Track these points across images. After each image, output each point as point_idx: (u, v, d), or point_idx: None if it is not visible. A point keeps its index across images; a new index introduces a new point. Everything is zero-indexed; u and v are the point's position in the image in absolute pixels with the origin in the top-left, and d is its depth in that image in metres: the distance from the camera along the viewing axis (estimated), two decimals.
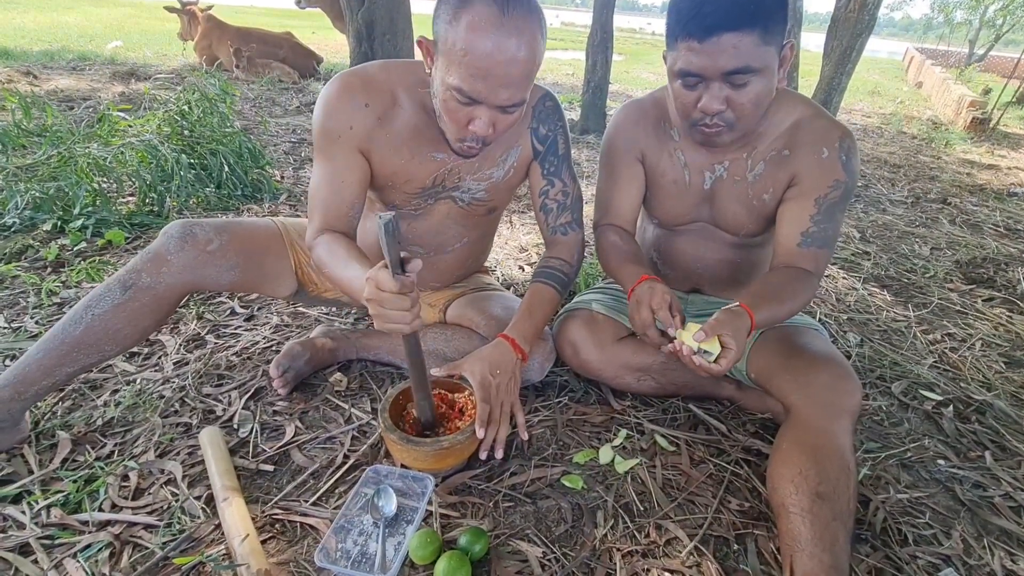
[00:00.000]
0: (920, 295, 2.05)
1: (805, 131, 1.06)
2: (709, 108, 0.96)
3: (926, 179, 3.87)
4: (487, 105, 0.91)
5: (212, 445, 1.06)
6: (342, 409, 1.24)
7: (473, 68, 0.86)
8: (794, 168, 1.07)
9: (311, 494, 1.02)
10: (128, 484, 1.01)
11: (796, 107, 1.08)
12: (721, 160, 1.13)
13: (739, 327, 0.92)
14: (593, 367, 1.27)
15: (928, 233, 2.74)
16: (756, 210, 1.13)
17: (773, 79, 0.96)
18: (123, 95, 4.10)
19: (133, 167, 2.15)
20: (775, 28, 0.90)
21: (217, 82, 2.69)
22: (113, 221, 1.99)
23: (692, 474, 1.12)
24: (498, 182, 1.17)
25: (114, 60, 5.66)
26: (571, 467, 1.12)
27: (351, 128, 1.03)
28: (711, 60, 0.91)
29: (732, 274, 1.28)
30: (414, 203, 1.16)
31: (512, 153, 1.15)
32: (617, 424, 1.25)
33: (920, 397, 1.43)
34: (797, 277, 1.05)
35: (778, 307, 1.00)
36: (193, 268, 1.07)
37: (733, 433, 1.24)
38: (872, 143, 5.06)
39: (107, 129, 2.40)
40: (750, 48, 0.89)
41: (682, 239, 1.27)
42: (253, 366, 1.36)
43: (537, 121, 1.15)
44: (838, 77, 3.69)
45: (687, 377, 1.29)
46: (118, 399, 1.21)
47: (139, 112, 2.81)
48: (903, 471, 1.18)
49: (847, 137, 1.05)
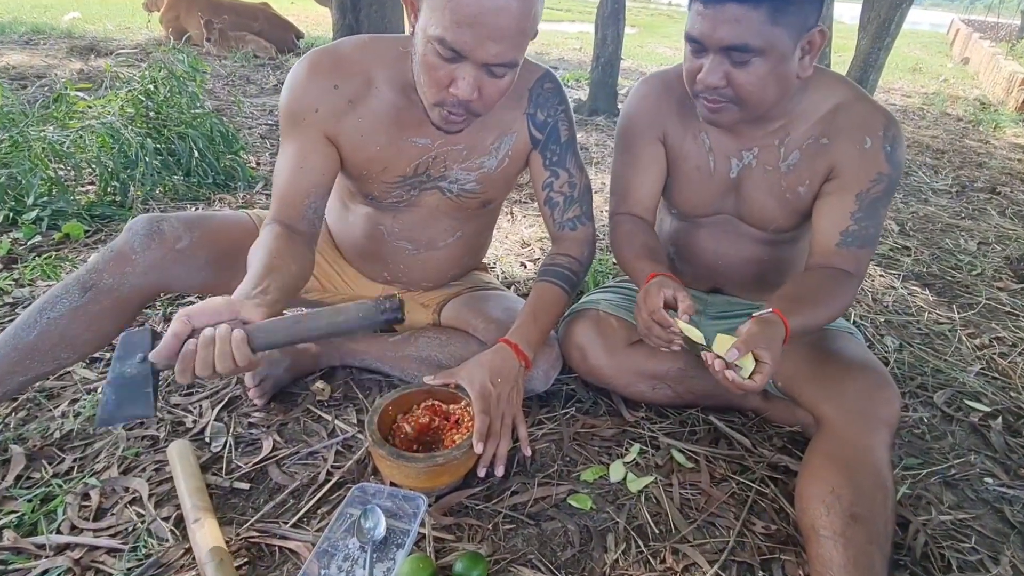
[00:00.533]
0: (966, 295, 2.05)
1: (845, 117, 1.06)
2: (706, 80, 0.98)
3: (973, 166, 3.86)
4: (472, 62, 0.89)
5: (181, 460, 1.06)
6: (325, 421, 1.24)
7: (458, 15, 0.85)
8: (833, 158, 1.07)
9: (291, 515, 1.02)
10: (89, 503, 1.01)
11: (835, 89, 1.08)
12: (750, 146, 1.12)
13: (773, 338, 0.91)
14: (603, 374, 1.27)
15: (975, 226, 2.74)
16: (789, 204, 1.13)
17: (786, 64, 0.96)
18: (82, 72, 4.10)
19: (93, 152, 2.15)
20: (791, 10, 0.91)
21: (186, 58, 2.69)
22: (71, 212, 1.99)
23: (713, 493, 1.12)
24: (491, 172, 1.16)
25: (71, 33, 5.66)
26: (579, 485, 1.12)
27: (316, 111, 1.04)
28: (711, 28, 0.93)
29: (758, 273, 1.28)
30: (395, 194, 1.16)
31: (506, 140, 1.14)
32: (629, 438, 1.25)
33: (965, 408, 1.43)
34: (835, 279, 1.05)
35: (815, 312, 1.00)
36: (160, 268, 1.07)
37: (758, 448, 1.25)
38: (913, 126, 5.05)
39: (64, 110, 2.40)
40: (755, 25, 0.90)
41: (703, 233, 1.27)
42: None
43: (534, 106, 1.14)
44: (875, 52, 3.68)
45: (707, 386, 1.30)
46: (77, 409, 1.21)
47: (100, 91, 2.80)
48: (946, 490, 1.18)
49: (892, 124, 1.04)
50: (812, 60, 0.98)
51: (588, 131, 3.99)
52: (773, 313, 0.94)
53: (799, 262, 1.31)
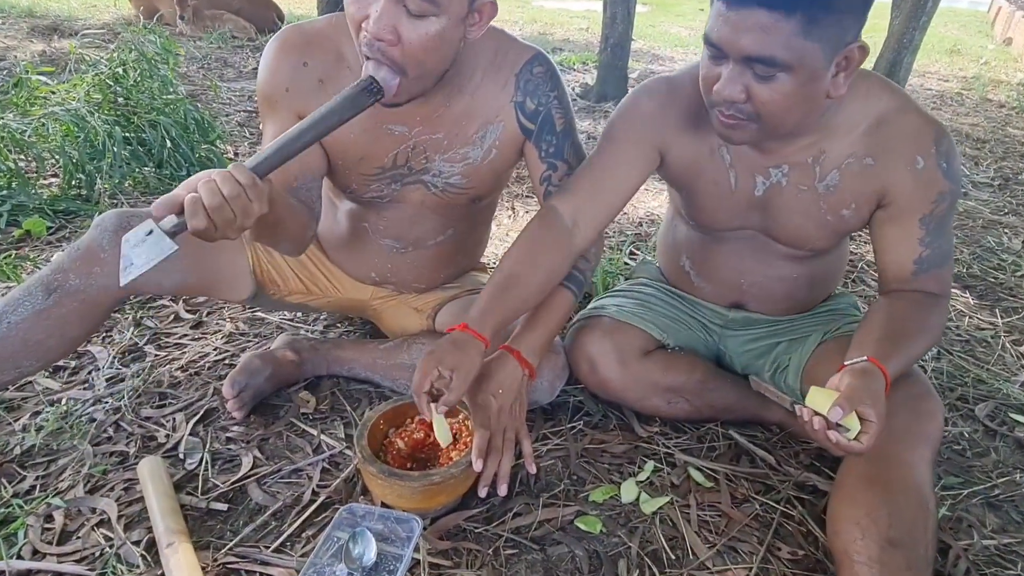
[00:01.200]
0: (1010, 298, 2.05)
1: (891, 132, 1.02)
2: (723, 93, 0.92)
3: (1017, 157, 3.86)
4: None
5: (153, 479, 1.06)
6: (310, 436, 1.24)
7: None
8: (883, 182, 1.03)
9: (273, 538, 1.02)
10: (52, 526, 1.01)
11: (876, 97, 1.03)
12: (778, 163, 1.08)
13: (876, 392, 0.88)
14: (615, 387, 1.27)
15: (1020, 223, 2.74)
16: (830, 225, 1.11)
17: (816, 83, 0.90)
18: (44, 55, 4.11)
19: (56, 142, 2.16)
20: (828, 21, 0.85)
21: (157, 39, 2.70)
22: (32, 207, 2.00)
23: (734, 515, 1.12)
24: (477, 164, 1.16)
25: (32, 12, 5.67)
26: (587, 506, 1.12)
27: (287, 91, 1.06)
28: (733, 34, 0.87)
29: (788, 292, 1.26)
30: (374, 187, 1.17)
31: (491, 130, 1.14)
32: (643, 454, 1.25)
33: (1010, 422, 1.44)
34: (924, 305, 1.03)
35: (910, 350, 0.98)
36: None
37: (783, 466, 1.25)
38: (951, 113, 5.06)
39: (25, 96, 2.40)
40: (783, 36, 0.84)
41: (725, 247, 1.25)
42: (202, 383, 1.36)
43: (523, 93, 1.13)
44: (909, 33, 3.69)
45: (729, 399, 1.30)
46: (40, 423, 1.22)
47: (63, 75, 2.82)
48: (989, 512, 1.19)
49: (943, 137, 1.01)
50: (848, 79, 0.93)
51: (596, 118, 3.99)
52: (869, 362, 0.92)
53: (832, 275, 1.31)
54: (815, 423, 0.86)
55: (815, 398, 0.89)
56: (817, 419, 0.86)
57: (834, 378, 0.92)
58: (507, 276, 1.10)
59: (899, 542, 0.89)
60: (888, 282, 1.09)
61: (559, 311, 1.18)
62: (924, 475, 0.96)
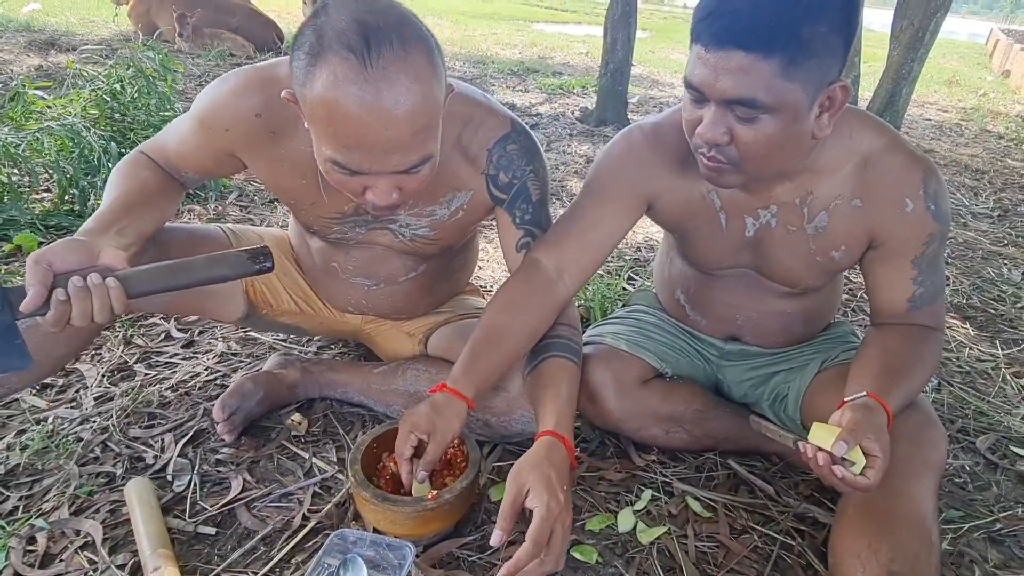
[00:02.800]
0: (1010, 329, 2.07)
1: (877, 173, 1.02)
2: (704, 135, 0.91)
3: (1016, 188, 3.93)
4: (378, 174, 0.88)
5: (140, 501, 1.06)
6: (301, 459, 1.24)
7: (344, 139, 0.83)
8: (871, 224, 1.04)
9: (261, 564, 1.02)
10: (35, 548, 1.01)
11: (862, 136, 1.03)
12: (766, 204, 1.09)
13: (879, 426, 0.88)
14: (613, 417, 1.27)
15: (1019, 254, 2.78)
16: (820, 266, 1.12)
17: (799, 123, 0.89)
18: (41, 69, 4.16)
19: (51, 156, 2.18)
20: (808, 63, 0.84)
21: (156, 55, 2.74)
22: (24, 222, 2.01)
23: (732, 546, 1.12)
24: (443, 220, 1.16)
25: (30, 26, 5.75)
26: (583, 535, 1.12)
27: (226, 130, 1.04)
28: (713, 77, 0.86)
29: (784, 327, 1.28)
30: (336, 230, 1.17)
31: (459, 196, 1.13)
32: (640, 483, 1.25)
33: (1011, 455, 1.44)
34: (919, 338, 1.05)
35: (910, 384, 0.99)
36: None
37: (783, 496, 1.25)
38: (950, 143, 5.15)
39: (20, 110, 2.43)
40: (764, 78, 0.83)
41: (719, 284, 1.26)
42: (192, 403, 1.37)
43: (496, 168, 1.11)
44: (908, 64, 3.78)
45: (727, 428, 1.30)
46: (25, 442, 1.21)
47: (60, 90, 2.85)
48: (991, 547, 1.19)
49: (931, 176, 1.01)
50: (832, 119, 0.92)
51: (595, 142, 4.05)
52: (869, 397, 0.92)
53: (826, 310, 1.32)
54: (819, 459, 0.86)
55: (818, 434, 0.89)
56: (822, 455, 0.86)
57: (835, 414, 0.92)
58: (488, 332, 1.08)
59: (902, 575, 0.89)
60: (881, 316, 1.10)
61: (575, 384, 1.12)
62: (927, 506, 0.96)
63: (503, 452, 1.31)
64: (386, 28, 0.80)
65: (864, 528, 0.95)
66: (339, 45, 0.79)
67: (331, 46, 0.79)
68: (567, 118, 4.62)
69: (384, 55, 0.79)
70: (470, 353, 1.05)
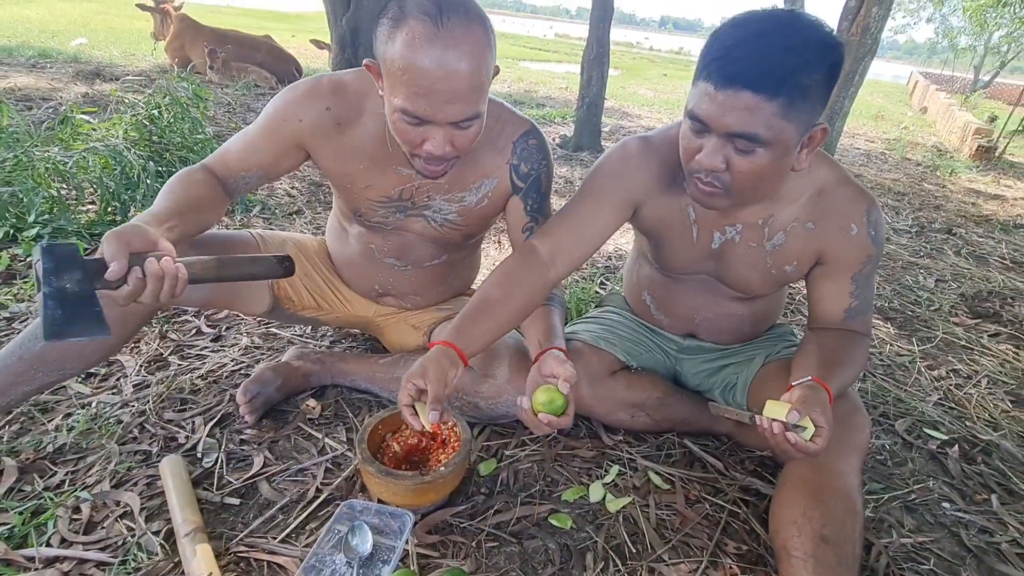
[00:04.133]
0: (925, 329, 2.11)
1: (830, 202, 1.04)
2: (704, 163, 0.91)
3: (931, 208, 4.00)
4: (437, 123, 0.92)
5: (173, 476, 1.05)
6: (315, 439, 1.24)
7: (414, 86, 0.88)
8: (821, 244, 1.06)
9: (280, 530, 1.02)
10: (80, 517, 1.00)
11: (819, 171, 1.05)
12: (733, 222, 1.11)
13: (824, 402, 0.91)
14: (585, 403, 1.28)
15: (933, 264, 2.83)
16: (773, 277, 1.14)
17: (787, 158, 0.91)
18: (87, 96, 4.10)
19: (95, 173, 2.15)
20: (803, 106, 0.85)
21: (189, 86, 2.72)
22: (71, 230, 1.99)
23: (687, 514, 1.14)
24: (471, 207, 1.19)
25: (77, 59, 5.68)
26: (559, 505, 1.13)
27: (300, 121, 1.09)
28: (720, 113, 0.86)
29: (734, 327, 1.30)
30: (380, 213, 1.19)
31: (487, 183, 1.17)
32: (609, 460, 1.27)
33: (924, 436, 1.47)
34: (853, 340, 1.07)
35: (844, 374, 1.00)
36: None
37: (730, 471, 1.26)
38: (876, 169, 5.23)
39: (69, 132, 2.40)
40: (766, 116, 0.84)
41: (682, 288, 1.28)
42: (220, 390, 1.36)
43: (518, 158, 1.16)
44: (840, 100, 3.83)
45: (684, 413, 1.32)
46: (71, 424, 1.20)
47: (104, 115, 2.81)
48: (907, 514, 1.21)
49: (873, 208, 1.04)
50: (810, 155, 0.94)
51: (573, 165, 4.07)
52: (814, 381, 0.94)
53: (770, 314, 1.34)
54: (775, 428, 0.88)
55: (772, 408, 0.91)
56: (777, 424, 0.88)
57: (786, 395, 0.94)
58: (483, 301, 1.06)
59: (830, 539, 0.90)
60: (820, 323, 1.12)
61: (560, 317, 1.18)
62: (853, 480, 0.98)
63: (491, 432, 1.31)
64: (456, 3, 0.88)
65: (800, 499, 0.96)
66: (418, 11, 0.86)
67: (411, 11, 0.86)
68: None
69: (452, 20, 0.86)
70: (464, 317, 1.04)
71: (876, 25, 3.71)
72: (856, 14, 3.72)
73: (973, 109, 10.06)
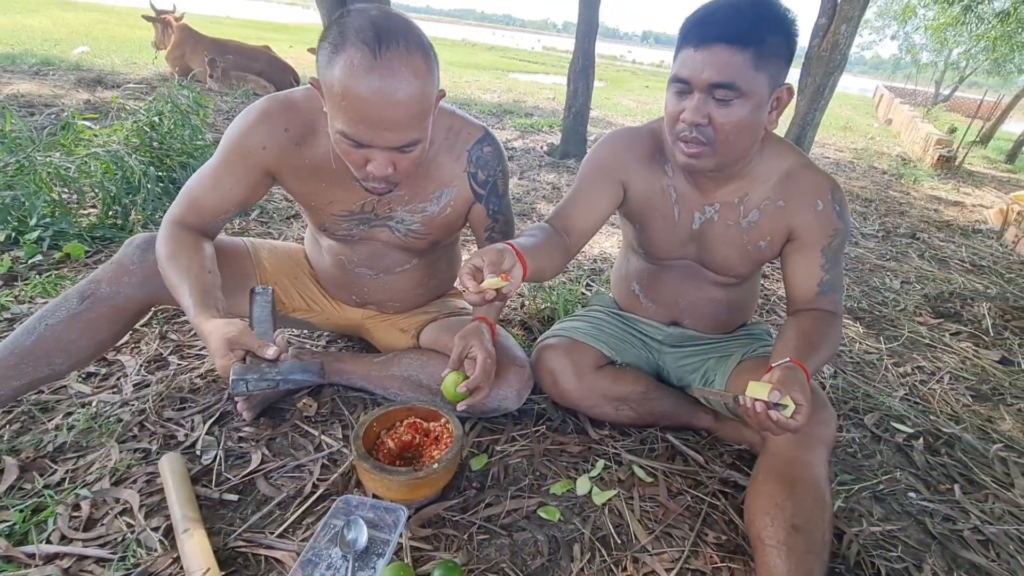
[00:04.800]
0: (891, 328, 2.13)
1: (797, 182, 1.09)
2: (689, 118, 0.97)
3: (896, 214, 4.05)
4: (378, 148, 0.91)
5: (173, 473, 1.03)
6: (311, 436, 1.22)
7: (353, 113, 0.86)
8: (791, 221, 1.10)
9: (277, 525, 1.00)
10: (79, 514, 0.98)
11: (785, 156, 1.11)
12: (712, 201, 1.14)
13: (802, 383, 0.91)
14: (572, 397, 1.28)
15: (898, 267, 2.87)
16: (749, 255, 1.16)
17: (760, 112, 0.97)
18: (88, 103, 4.03)
19: (97, 178, 2.11)
20: (771, 57, 0.93)
21: (190, 93, 2.68)
22: (72, 233, 1.95)
23: (670, 506, 1.14)
24: (434, 217, 1.18)
25: (80, 66, 5.57)
26: (548, 498, 1.12)
27: (264, 148, 1.05)
28: (700, 68, 0.93)
29: (715, 311, 1.31)
30: (344, 227, 1.18)
31: (447, 192, 1.16)
32: (595, 454, 1.26)
33: (892, 429, 1.49)
34: (827, 321, 1.08)
35: (818, 354, 1.02)
36: (156, 279, 1.07)
37: (710, 464, 1.27)
38: (845, 177, 5.29)
39: (71, 137, 2.36)
40: (741, 66, 0.92)
41: (667, 274, 1.29)
42: (219, 389, 1.33)
43: (475, 166, 1.16)
44: (812, 112, 3.87)
45: (666, 407, 1.32)
46: (71, 422, 1.17)
47: (106, 121, 2.77)
48: (876, 504, 1.22)
49: (837, 189, 1.09)
50: (778, 115, 1.01)
51: (560, 172, 4.07)
52: (792, 362, 0.95)
53: (748, 300, 1.35)
54: (758, 407, 0.88)
55: (753, 389, 0.90)
56: (759, 404, 0.88)
57: (766, 375, 0.94)
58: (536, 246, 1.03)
59: (801, 528, 0.91)
60: (796, 303, 1.13)
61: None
62: (821, 472, 0.98)
63: (482, 428, 1.30)
64: (395, 31, 0.85)
65: (772, 491, 0.97)
66: (356, 39, 0.84)
67: (350, 39, 0.84)
68: (536, 152, 4.64)
69: (391, 50, 0.84)
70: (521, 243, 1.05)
71: (845, 41, 3.75)
72: (826, 31, 3.75)
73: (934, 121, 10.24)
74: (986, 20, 9.96)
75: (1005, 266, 3.07)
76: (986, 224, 4.00)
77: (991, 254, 3.29)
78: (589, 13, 4.24)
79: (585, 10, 4.24)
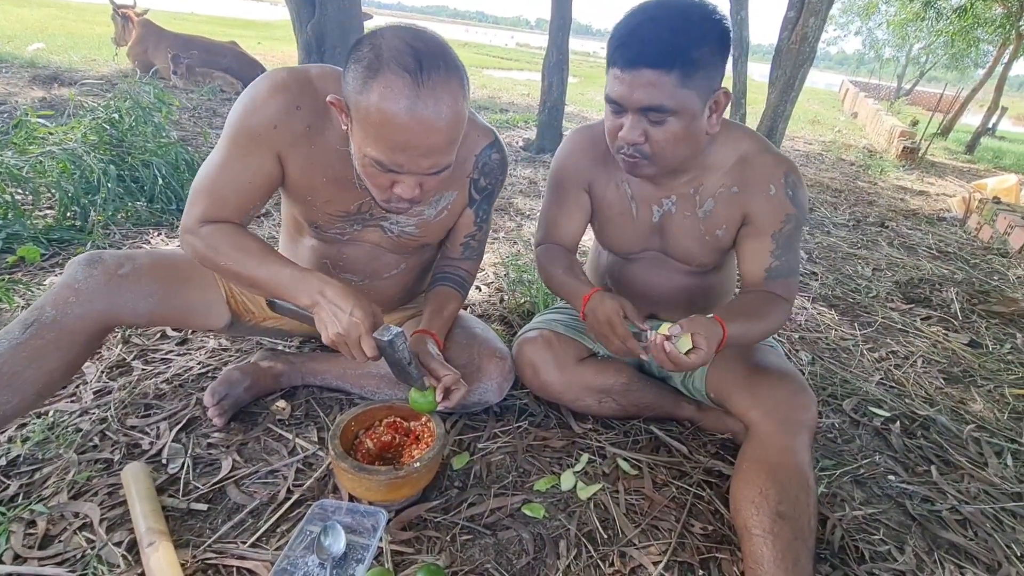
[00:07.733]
0: (865, 314, 2.16)
1: (752, 167, 1.08)
2: (625, 138, 0.98)
3: (865, 204, 4.14)
4: (410, 173, 0.87)
5: (136, 483, 0.98)
6: (285, 440, 1.17)
7: (390, 141, 0.82)
8: (745, 206, 1.10)
9: (249, 534, 0.95)
10: (35, 531, 0.91)
11: (741, 142, 1.10)
12: (668, 195, 1.14)
13: (712, 332, 0.94)
14: (554, 389, 1.26)
15: (869, 255, 2.92)
16: (709, 244, 1.16)
17: (696, 122, 0.97)
18: (44, 100, 3.86)
19: (53, 177, 2.01)
20: (698, 74, 0.92)
21: (152, 90, 2.57)
22: (27, 236, 1.84)
23: (655, 498, 1.12)
24: (429, 220, 1.14)
25: (34, 63, 5.33)
26: (532, 495, 1.10)
27: (275, 128, 0.95)
28: (629, 91, 0.93)
29: (688, 300, 1.30)
30: (338, 227, 1.12)
31: (446, 196, 1.13)
32: (579, 448, 1.24)
33: (869, 414, 1.50)
34: (769, 300, 1.08)
35: (750, 324, 1.02)
36: (105, 295, 0.98)
37: (694, 455, 1.26)
38: (815, 169, 5.39)
39: (24, 136, 2.24)
40: (668, 88, 0.91)
41: (635, 267, 1.28)
42: (186, 394, 1.27)
43: (479, 173, 1.13)
44: (783, 105, 3.92)
45: (648, 398, 1.31)
46: (26, 434, 1.10)
47: (62, 119, 2.64)
48: (857, 488, 1.23)
49: (792, 171, 1.08)
50: (718, 118, 1.01)
51: (536, 167, 4.04)
52: (713, 317, 0.97)
53: (724, 287, 1.35)
54: (657, 339, 0.93)
55: (663, 328, 0.95)
56: (659, 336, 0.93)
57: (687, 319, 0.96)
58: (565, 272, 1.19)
59: (786, 515, 0.90)
60: (746, 285, 1.14)
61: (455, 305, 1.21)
62: (804, 458, 0.98)
63: (463, 426, 1.27)
64: (434, 55, 0.82)
65: (756, 479, 0.96)
66: (396, 64, 0.79)
67: (389, 64, 0.80)
68: (513, 147, 4.61)
69: (432, 77, 0.81)
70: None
71: (813, 34, 3.80)
72: (795, 24, 3.81)
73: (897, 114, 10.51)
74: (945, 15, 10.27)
75: (969, 252, 3.16)
76: (950, 212, 4.12)
77: (956, 241, 3.38)
78: (562, 8, 4.23)
79: (558, 5, 4.23)
